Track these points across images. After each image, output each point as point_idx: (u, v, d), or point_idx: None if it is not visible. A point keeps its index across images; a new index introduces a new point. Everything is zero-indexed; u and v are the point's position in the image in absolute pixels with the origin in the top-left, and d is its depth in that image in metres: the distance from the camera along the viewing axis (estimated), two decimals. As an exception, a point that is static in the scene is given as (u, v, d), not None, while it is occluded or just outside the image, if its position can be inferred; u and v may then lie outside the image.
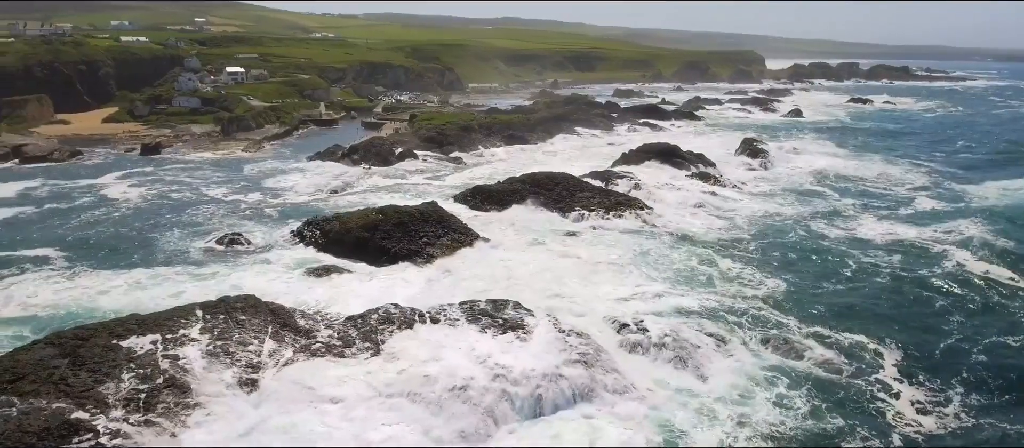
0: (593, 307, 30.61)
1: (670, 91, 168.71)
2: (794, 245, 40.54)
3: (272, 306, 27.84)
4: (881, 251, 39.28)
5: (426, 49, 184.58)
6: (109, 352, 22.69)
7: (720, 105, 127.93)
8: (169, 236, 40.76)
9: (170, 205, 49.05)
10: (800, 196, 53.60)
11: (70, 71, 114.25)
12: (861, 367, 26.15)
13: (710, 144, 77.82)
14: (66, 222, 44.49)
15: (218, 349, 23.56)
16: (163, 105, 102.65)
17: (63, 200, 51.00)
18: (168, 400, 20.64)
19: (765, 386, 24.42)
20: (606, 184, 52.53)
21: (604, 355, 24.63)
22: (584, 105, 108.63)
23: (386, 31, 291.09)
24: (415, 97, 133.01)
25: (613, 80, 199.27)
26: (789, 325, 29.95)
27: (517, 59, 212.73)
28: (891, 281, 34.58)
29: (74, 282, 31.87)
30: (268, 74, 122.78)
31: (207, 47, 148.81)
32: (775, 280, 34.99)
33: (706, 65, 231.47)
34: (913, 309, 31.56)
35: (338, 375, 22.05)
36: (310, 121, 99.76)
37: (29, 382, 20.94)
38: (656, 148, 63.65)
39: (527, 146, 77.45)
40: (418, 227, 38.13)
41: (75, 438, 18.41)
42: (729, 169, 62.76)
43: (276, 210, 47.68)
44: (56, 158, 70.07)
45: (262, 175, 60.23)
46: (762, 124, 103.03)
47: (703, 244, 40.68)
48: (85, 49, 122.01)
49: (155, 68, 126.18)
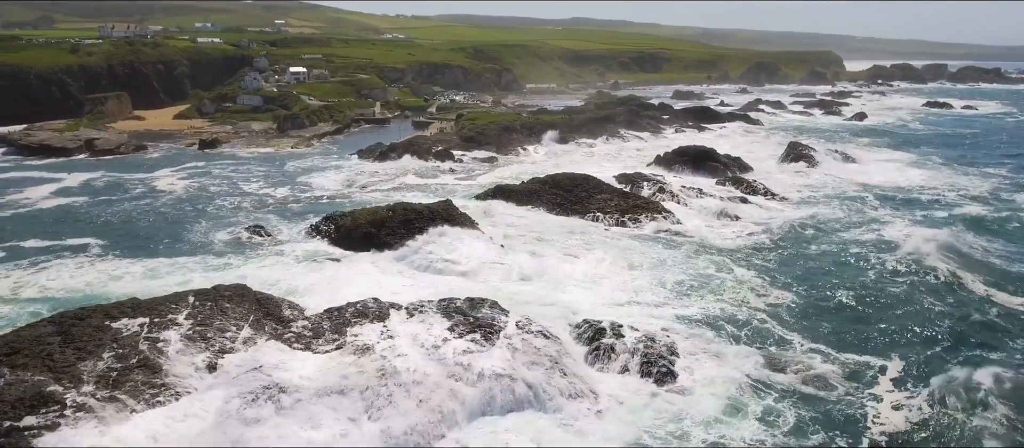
0: (581, 310, 30.39)
1: (733, 93, 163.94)
2: (816, 256, 38.71)
3: (260, 295, 29.13)
4: (909, 266, 36.75)
5: (487, 50, 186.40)
6: (98, 332, 24.34)
7: (781, 108, 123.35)
8: (197, 227, 43.12)
9: (207, 197, 51.83)
10: (839, 204, 51.08)
11: (149, 70, 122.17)
12: (857, 388, 24.59)
13: (756, 148, 75.64)
14: (112, 212, 47.72)
15: (196, 334, 24.89)
16: (228, 103, 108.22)
17: (116, 191, 54.72)
18: (137, 379, 21.99)
19: (739, 398, 23.59)
20: (631, 187, 51.91)
21: (568, 359, 24.52)
22: (635, 107, 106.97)
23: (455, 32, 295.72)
24: (470, 97, 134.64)
25: (677, 81, 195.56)
26: (790, 339, 28.68)
27: (579, 60, 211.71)
28: (909, 297, 32.44)
29: (96, 268, 34.31)
30: (329, 74, 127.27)
31: (277, 48, 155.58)
32: (785, 292, 33.55)
33: (777, 66, 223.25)
34: (930, 332, 28.75)
35: (297, 365, 22.87)
36: (363, 120, 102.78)
37: (22, 356, 22.71)
38: (691, 151, 62.28)
39: (566, 147, 77.22)
40: (423, 224, 38.80)
41: (43, 409, 19.89)
42: (768, 175, 60.62)
43: (302, 205, 49.59)
44: (122, 151, 75.14)
45: (300, 171, 62.67)
46: (820, 128, 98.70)
47: (719, 251, 39.56)
48: (163, 50, 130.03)
49: (227, 68, 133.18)
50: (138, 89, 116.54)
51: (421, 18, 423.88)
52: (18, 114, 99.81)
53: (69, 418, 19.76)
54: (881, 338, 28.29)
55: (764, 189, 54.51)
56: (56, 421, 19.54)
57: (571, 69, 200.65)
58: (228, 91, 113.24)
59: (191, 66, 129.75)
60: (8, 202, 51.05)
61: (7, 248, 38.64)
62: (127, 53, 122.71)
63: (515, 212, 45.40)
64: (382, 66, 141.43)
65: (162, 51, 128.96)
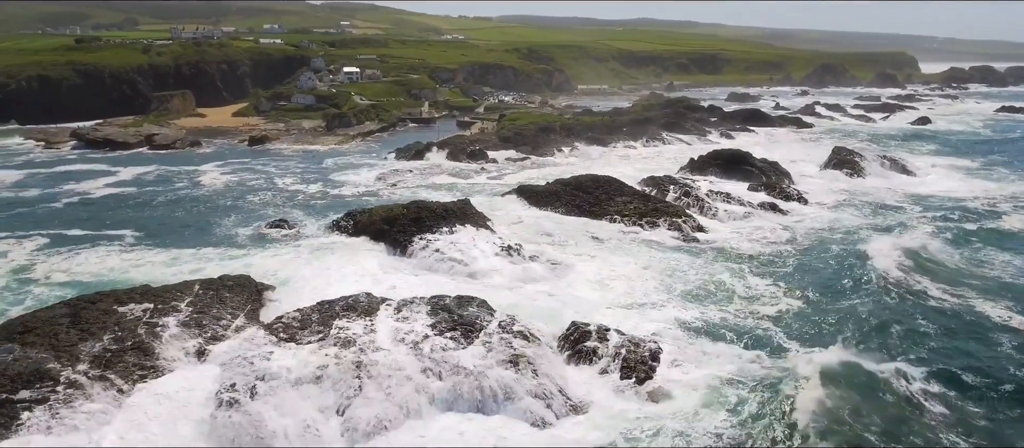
0: (581, 311, 30.24)
1: (792, 96, 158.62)
2: (834, 265, 37.00)
3: (261, 286, 30.44)
4: (936, 282, 34.39)
5: (541, 50, 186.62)
6: (105, 316, 25.95)
7: (840, 111, 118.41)
8: (226, 220, 45.15)
9: (243, 191, 54.11)
10: (873, 212, 48.82)
11: (212, 70, 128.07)
12: (852, 405, 23.54)
13: (800, 153, 73.11)
14: (154, 203, 50.50)
15: (192, 321, 26.21)
16: (283, 102, 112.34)
17: (163, 183, 57.81)
18: (128, 360, 23.34)
19: (716, 407, 23.07)
20: (656, 190, 51.18)
21: (544, 360, 24.49)
22: (683, 108, 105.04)
23: (513, 33, 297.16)
24: (519, 98, 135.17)
25: (735, 83, 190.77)
26: (788, 348, 27.83)
27: (636, 61, 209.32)
28: (925, 313, 30.64)
29: (122, 255, 36.47)
30: (381, 74, 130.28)
31: (335, 48, 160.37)
32: (794, 300, 32.41)
33: (844, 68, 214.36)
34: (944, 351, 26.81)
35: (280, 354, 23.73)
36: (409, 119, 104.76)
37: (33, 335, 24.45)
38: (725, 155, 60.79)
39: (603, 149, 76.61)
40: (435, 223, 39.39)
41: (38, 384, 21.39)
42: (806, 181, 58.54)
43: (330, 200, 51.14)
44: (178, 147, 79.20)
45: (336, 168, 64.56)
46: (877, 133, 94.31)
47: (735, 256, 38.58)
48: (227, 50, 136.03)
49: (286, 67, 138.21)
50: (202, 87, 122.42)
51: (482, 19, 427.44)
52: (93, 110, 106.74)
53: (59, 394, 21.18)
54: (881, 353, 26.90)
55: (798, 195, 52.68)
56: (47, 395, 20.98)
57: (627, 70, 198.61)
58: (284, 90, 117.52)
59: (253, 66, 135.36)
60: (65, 191, 54.72)
61: (52, 235, 41.49)
62: (193, 53, 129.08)
63: (532, 213, 45.48)
64: (434, 66, 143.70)
65: (226, 51, 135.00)
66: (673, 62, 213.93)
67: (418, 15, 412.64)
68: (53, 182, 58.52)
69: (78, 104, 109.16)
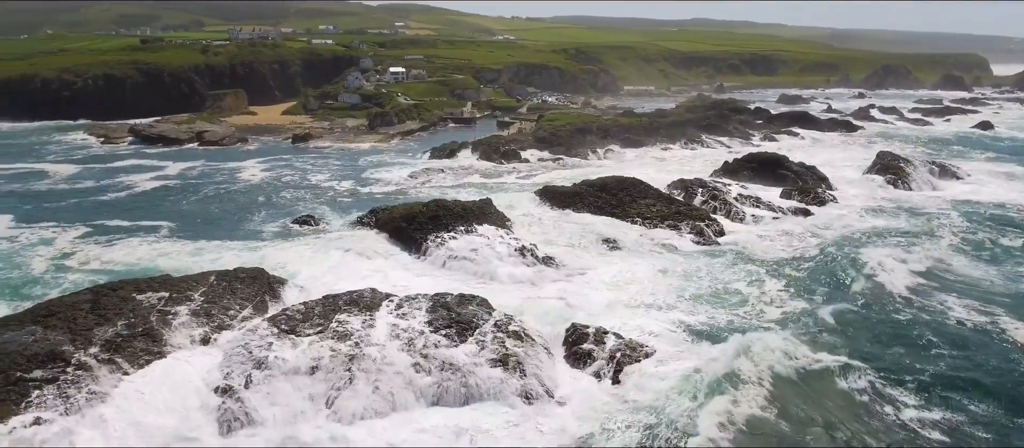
0: (588, 312, 30.19)
1: (847, 98, 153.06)
2: (854, 272, 35.54)
3: (272, 279, 31.40)
4: (962, 297, 32.21)
5: (589, 51, 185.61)
6: (123, 302, 27.29)
7: (895, 114, 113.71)
8: (257, 215, 46.77)
9: (278, 187, 55.90)
10: (913, 220, 46.67)
11: (265, 70, 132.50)
12: (807, 397, 23.07)
13: (845, 158, 70.74)
14: (193, 197, 52.71)
15: (202, 310, 27.33)
16: (330, 100, 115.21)
17: (205, 178, 60.24)
18: (137, 346, 24.52)
19: (693, 408, 22.59)
20: (683, 194, 50.47)
21: (534, 360, 24.52)
22: (728, 111, 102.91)
23: (565, 33, 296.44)
24: (563, 98, 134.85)
25: (791, 84, 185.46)
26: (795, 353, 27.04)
27: (687, 61, 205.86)
28: (937, 329, 29.07)
29: (153, 246, 38.24)
30: (426, 74, 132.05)
31: (385, 49, 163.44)
32: (804, 304, 31.49)
33: (906, 69, 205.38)
34: (941, 367, 25.37)
35: (279, 344, 24.50)
36: (451, 119, 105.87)
37: (56, 318, 25.93)
38: (760, 158, 59.38)
39: (639, 151, 75.77)
40: (452, 221, 39.85)
41: (50, 364, 22.72)
42: (845, 186, 56.59)
43: (359, 198, 52.26)
44: (225, 143, 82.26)
45: (371, 166, 65.91)
46: (933, 137, 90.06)
47: (752, 260, 37.68)
48: (280, 51, 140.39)
49: (336, 67, 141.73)
50: (255, 86, 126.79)
51: (535, 20, 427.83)
52: (153, 108, 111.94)
53: (69, 374, 22.43)
54: (879, 366, 25.83)
55: (832, 201, 51.04)
56: (57, 375, 22.24)
57: (676, 71, 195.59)
58: (331, 89, 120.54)
59: (304, 66, 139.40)
60: (115, 185, 57.68)
61: (95, 225, 43.83)
62: (248, 53, 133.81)
63: (553, 213, 45.36)
64: (479, 67, 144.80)
65: (279, 52, 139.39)
66: (725, 63, 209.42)
67: (472, 16, 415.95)
68: (105, 175, 61.73)
69: (140, 102, 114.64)
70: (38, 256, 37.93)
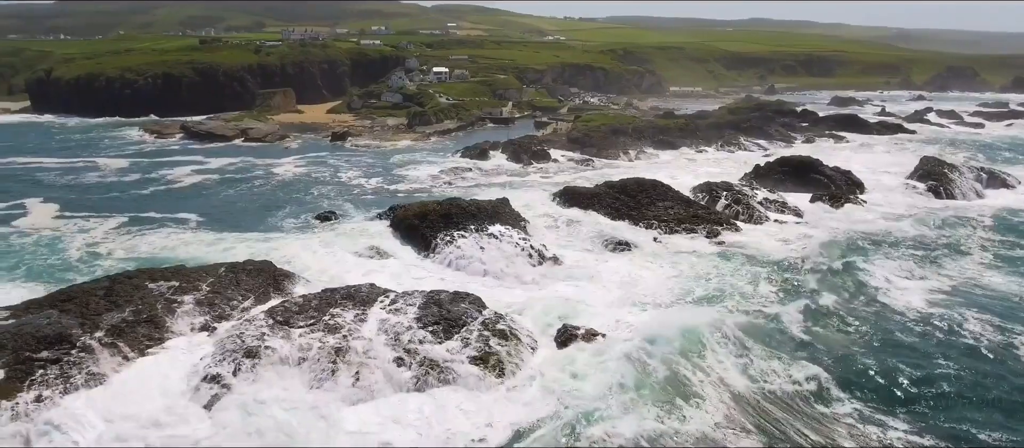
0: (584, 311, 30.17)
1: (906, 100, 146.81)
2: (863, 278, 34.20)
3: (279, 272, 32.43)
4: (982, 313, 29.82)
5: (638, 51, 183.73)
6: (134, 290, 28.68)
7: (954, 118, 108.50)
8: (282, 209, 48.28)
9: (307, 183, 57.53)
10: (945, 230, 44.36)
11: (314, 69, 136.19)
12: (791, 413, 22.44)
13: (887, 163, 67.98)
14: (226, 192, 54.81)
15: (206, 299, 28.51)
16: (373, 99, 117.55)
17: (241, 173, 62.49)
18: (139, 331, 25.81)
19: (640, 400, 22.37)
20: (707, 197, 49.62)
21: (515, 359, 24.70)
22: (772, 112, 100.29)
23: (617, 33, 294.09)
24: (606, 99, 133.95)
25: (848, 86, 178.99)
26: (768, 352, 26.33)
27: (739, 62, 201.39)
28: (943, 350, 27.19)
29: (177, 237, 39.97)
30: (469, 74, 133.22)
31: (432, 49, 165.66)
32: (797, 307, 30.55)
33: (973, 71, 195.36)
34: (923, 393, 23.73)
35: (271, 334, 25.34)
36: (489, 118, 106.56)
37: (72, 303, 27.47)
38: (793, 162, 57.77)
39: (672, 153, 74.71)
40: (464, 220, 40.23)
41: (57, 346, 24.12)
42: (882, 192, 54.54)
43: (384, 195, 53.24)
44: (268, 140, 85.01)
45: (400, 164, 67.00)
46: (990, 143, 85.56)
47: (765, 266, 36.65)
48: (329, 51, 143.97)
49: (382, 67, 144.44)
50: (305, 85, 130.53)
51: (588, 20, 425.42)
52: (207, 105, 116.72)
53: (72, 356, 23.78)
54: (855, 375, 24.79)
55: (868, 205, 49.30)
56: (61, 357, 23.62)
57: (727, 72, 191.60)
58: (376, 89, 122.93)
59: (352, 65, 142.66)
60: (157, 178, 60.47)
61: (131, 216, 46.13)
62: (298, 54, 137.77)
63: (569, 214, 45.17)
64: (523, 67, 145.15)
65: (328, 52, 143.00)
66: (779, 64, 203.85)
67: (524, 17, 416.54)
68: (150, 169, 64.78)
69: (195, 99, 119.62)
70: (75, 244, 40.17)
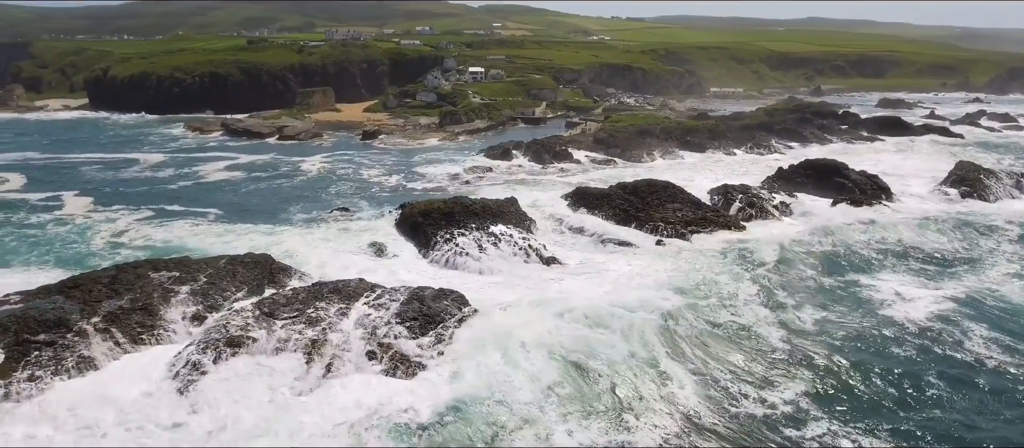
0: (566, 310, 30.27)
1: (960, 103, 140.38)
2: (865, 295, 33.04)
3: (277, 265, 33.48)
4: (993, 331, 28.26)
5: (680, 51, 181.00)
6: (136, 279, 30.06)
7: (1010, 122, 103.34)
8: (297, 204, 49.69)
9: (330, 180, 58.97)
10: (969, 240, 42.26)
11: (354, 69, 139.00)
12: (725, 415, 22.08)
13: (924, 167, 65.60)
14: (249, 187, 56.68)
15: (200, 290, 29.70)
16: (409, 99, 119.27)
17: (268, 170, 64.45)
18: (133, 319, 27.06)
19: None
20: (722, 200, 48.85)
21: (485, 355, 25.01)
22: (811, 114, 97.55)
23: (663, 33, 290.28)
24: (642, 99, 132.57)
25: (901, 88, 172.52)
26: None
27: (786, 63, 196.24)
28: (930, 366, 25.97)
29: (191, 229, 41.61)
30: (504, 74, 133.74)
31: (472, 49, 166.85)
32: (770, 313, 29.85)
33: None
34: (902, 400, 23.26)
35: (255, 325, 26.27)
36: (520, 118, 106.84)
37: (77, 290, 28.99)
38: (817, 165, 56.18)
39: (699, 154, 73.51)
40: (466, 219, 40.67)
41: (54, 330, 25.57)
42: (909, 198, 52.61)
43: (400, 193, 54.12)
44: (301, 138, 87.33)
45: (423, 163, 67.95)
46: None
47: (759, 269, 35.89)
48: (369, 51, 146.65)
49: (421, 67, 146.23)
50: (344, 85, 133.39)
51: (636, 20, 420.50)
52: (250, 104, 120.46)
53: (66, 340, 25.19)
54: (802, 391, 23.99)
55: (892, 210, 47.76)
56: (56, 340, 25.04)
57: (773, 73, 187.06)
58: (411, 88, 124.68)
59: (391, 65, 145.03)
60: (188, 174, 62.95)
61: (156, 209, 48.25)
62: (339, 53, 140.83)
63: (575, 215, 45.25)
64: (560, 67, 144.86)
65: (368, 52, 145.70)
66: (828, 64, 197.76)
67: (571, 16, 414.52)
68: (184, 165, 67.45)
69: (240, 98, 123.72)
70: (101, 234, 42.29)
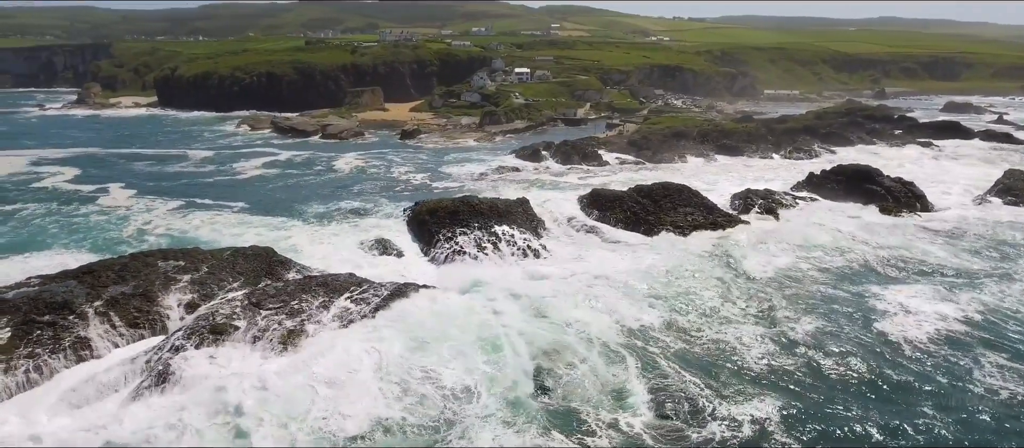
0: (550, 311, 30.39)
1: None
2: (869, 309, 31.61)
3: (277, 258, 34.78)
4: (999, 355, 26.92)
5: (735, 52, 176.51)
6: (145, 268, 31.91)
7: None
8: (318, 199, 51.21)
9: (359, 178, 60.54)
10: (1006, 256, 39.77)
11: (404, 69, 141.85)
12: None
13: (974, 174, 62.62)
14: (280, 182, 58.79)
15: (199, 279, 31.24)
16: (454, 99, 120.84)
17: (303, 166, 66.71)
18: (131, 305, 28.76)
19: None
20: (741, 204, 47.82)
21: (452, 351, 25.44)
22: (862, 118, 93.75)
23: (723, 34, 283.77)
24: (690, 101, 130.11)
25: (975, 90, 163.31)
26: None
27: (852, 64, 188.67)
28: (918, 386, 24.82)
29: (211, 221, 43.70)
30: (550, 75, 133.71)
31: (522, 50, 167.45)
32: (766, 333, 28.91)
33: None
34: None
35: (241, 314, 27.52)
36: (561, 119, 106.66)
37: (90, 276, 30.98)
38: (848, 171, 54.03)
39: (733, 158, 71.78)
40: (471, 218, 41.12)
41: (58, 312, 27.46)
42: (948, 207, 50.03)
43: (423, 192, 55.03)
44: (343, 136, 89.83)
45: (453, 162, 68.86)
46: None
47: (760, 277, 34.98)
48: (420, 51, 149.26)
49: (469, 67, 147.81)
50: (394, 85, 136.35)
51: (697, 20, 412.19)
52: (304, 103, 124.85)
53: (68, 321, 27.03)
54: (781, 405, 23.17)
55: (925, 217, 45.71)
56: (57, 321, 26.91)
57: (836, 74, 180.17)
58: (457, 88, 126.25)
59: (440, 66, 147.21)
60: (227, 169, 65.86)
61: (188, 201, 50.77)
62: (390, 54, 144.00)
63: (583, 217, 45.12)
64: (608, 68, 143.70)
65: (418, 52, 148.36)
66: (897, 66, 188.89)
67: (631, 17, 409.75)
68: (227, 160, 70.57)
69: (294, 97, 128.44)
70: (135, 223, 44.88)
